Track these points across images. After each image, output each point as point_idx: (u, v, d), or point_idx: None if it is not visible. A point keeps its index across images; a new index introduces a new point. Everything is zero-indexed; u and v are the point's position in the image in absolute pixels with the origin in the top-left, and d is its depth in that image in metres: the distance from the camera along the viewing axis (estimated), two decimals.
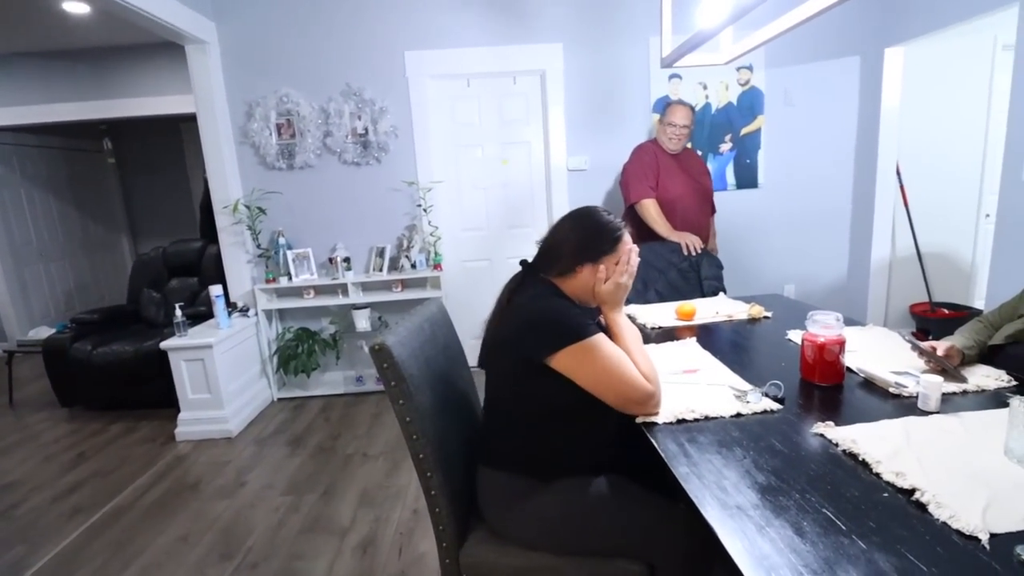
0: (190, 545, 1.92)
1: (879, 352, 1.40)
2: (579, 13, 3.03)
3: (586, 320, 1.09)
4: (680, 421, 1.10)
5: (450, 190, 3.23)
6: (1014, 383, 1.17)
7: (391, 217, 3.17)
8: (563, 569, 1.13)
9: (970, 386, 1.17)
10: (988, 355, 1.31)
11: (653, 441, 1.03)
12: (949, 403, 1.10)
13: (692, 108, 2.70)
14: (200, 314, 3.19)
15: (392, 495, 2.13)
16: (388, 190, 3.14)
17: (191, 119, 3.03)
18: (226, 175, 3.01)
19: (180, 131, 5.34)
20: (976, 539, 0.70)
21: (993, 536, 0.70)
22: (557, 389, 1.07)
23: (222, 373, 2.75)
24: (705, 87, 3.16)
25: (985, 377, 1.20)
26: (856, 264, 3.41)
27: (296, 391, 3.26)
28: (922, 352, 1.24)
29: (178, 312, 2.76)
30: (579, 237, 1.19)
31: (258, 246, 3.13)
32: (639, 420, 1.11)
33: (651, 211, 2.60)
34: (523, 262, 1.26)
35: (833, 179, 3.35)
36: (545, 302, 1.12)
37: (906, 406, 1.10)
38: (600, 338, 1.06)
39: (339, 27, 2.97)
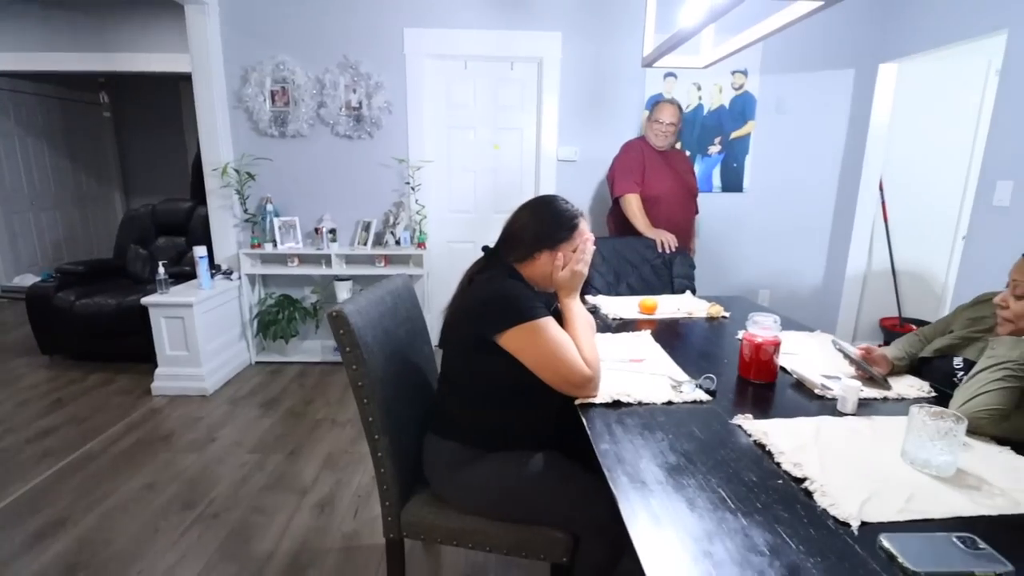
0: (155, 493, 1.99)
1: (817, 357, 1.47)
2: (580, 4, 3.04)
3: (536, 303, 1.14)
4: (615, 403, 1.16)
5: (440, 170, 3.26)
6: (934, 394, 1.25)
7: (379, 193, 3.21)
8: (494, 533, 1.20)
9: (892, 393, 1.23)
10: (918, 367, 1.38)
11: (584, 420, 1.10)
12: (868, 407, 1.17)
13: (680, 107, 2.74)
14: (185, 273, 3.23)
15: (355, 460, 2.20)
16: (378, 165, 3.17)
17: (189, 79, 3.03)
18: (218, 138, 3.03)
19: (179, 90, 5.32)
20: (847, 525, 0.77)
21: (864, 524, 0.77)
22: (505, 367, 1.13)
23: (201, 332, 2.80)
24: (699, 88, 3.18)
25: (908, 387, 1.27)
26: (831, 274, 3.48)
27: (274, 356, 3.32)
28: (851, 360, 1.31)
29: (161, 270, 2.80)
30: (537, 224, 1.24)
31: (245, 211, 3.16)
32: (577, 402, 1.17)
33: (632, 206, 2.66)
34: (485, 247, 1.31)
35: (817, 189, 3.40)
36: (500, 283, 1.17)
37: (827, 407, 1.17)
38: (547, 321, 1.12)
39: None
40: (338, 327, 1.14)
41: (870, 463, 0.94)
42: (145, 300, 2.74)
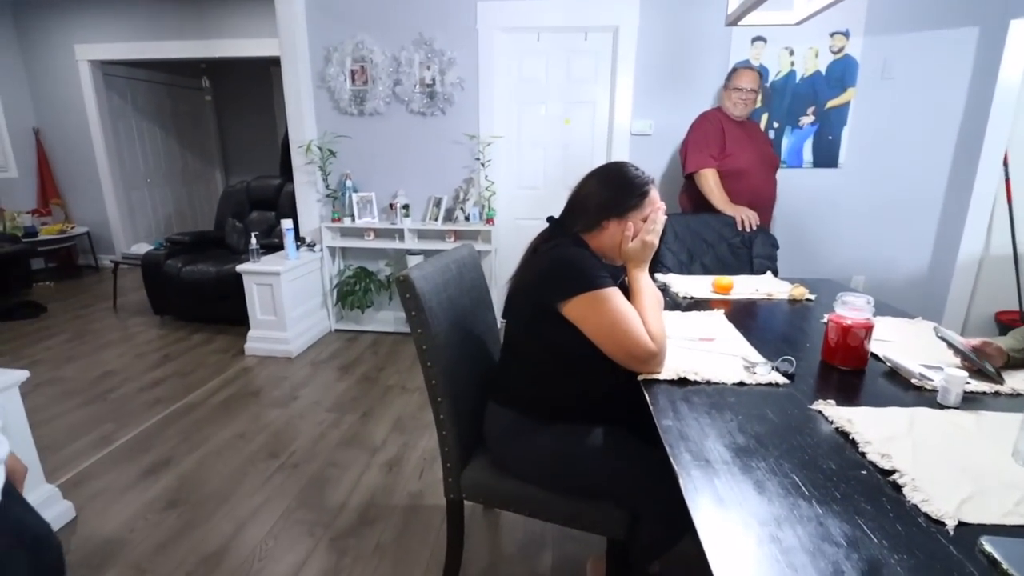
0: (245, 441, 2.19)
1: (917, 345, 1.33)
2: None
3: (601, 272, 1.11)
4: (681, 380, 1.11)
5: (510, 146, 3.25)
6: None
7: (450, 169, 3.26)
8: (551, 503, 1.21)
9: (1005, 388, 1.09)
10: None
11: (647, 396, 1.06)
12: (975, 401, 1.05)
13: (759, 72, 2.54)
14: (274, 245, 3.47)
15: (422, 426, 2.29)
16: (450, 142, 3.21)
17: (279, 62, 3.21)
18: (303, 117, 3.20)
19: (270, 74, 5.66)
20: (942, 523, 0.69)
21: (961, 524, 0.69)
22: (567, 337, 1.11)
23: (287, 299, 3.01)
24: (792, 52, 2.92)
25: None
26: (940, 260, 3.12)
27: (351, 324, 3.51)
28: (956, 350, 1.17)
29: (253, 240, 3.02)
30: (605, 191, 1.20)
31: (327, 186, 3.33)
32: (640, 377, 1.14)
33: (709, 181, 2.51)
34: (550, 218, 1.29)
35: (927, 165, 3.03)
36: (565, 251, 1.15)
37: (925, 399, 1.06)
38: (612, 291, 1.09)
39: None
40: (404, 291, 1.17)
41: (973, 461, 0.84)
42: (239, 268, 2.98)
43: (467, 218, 3.22)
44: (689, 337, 1.36)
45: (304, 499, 1.83)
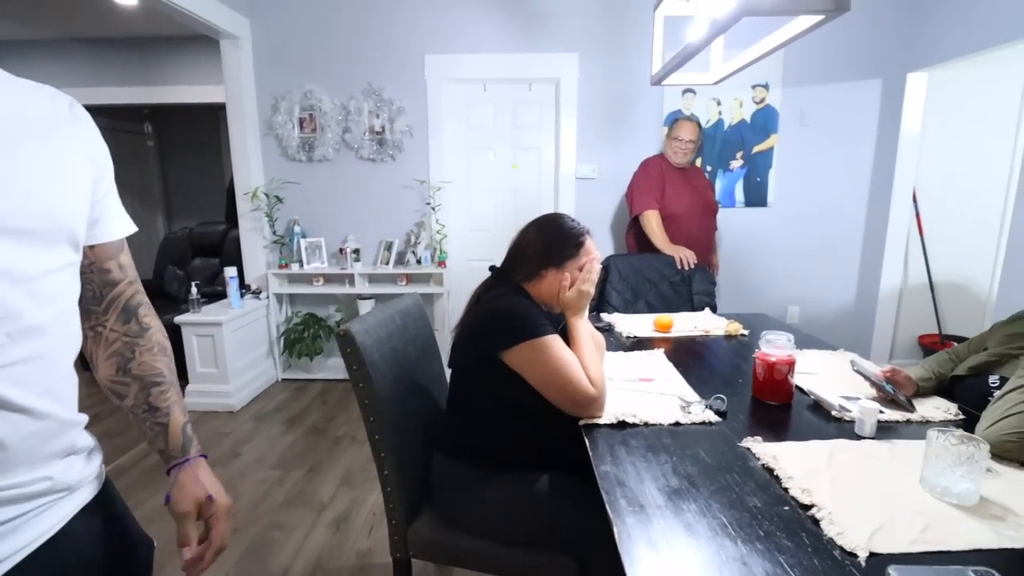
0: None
1: (839, 377, 1.41)
2: (596, 24, 3.07)
3: (542, 320, 1.14)
4: (620, 423, 1.14)
5: (460, 191, 3.31)
6: (962, 417, 1.18)
7: (401, 213, 3.28)
8: (500, 556, 1.19)
9: (916, 416, 1.17)
10: (949, 387, 1.31)
11: (586, 441, 1.08)
12: (889, 431, 1.12)
13: (699, 123, 2.73)
14: (218, 293, 3.36)
15: (372, 478, 2.22)
16: (400, 187, 3.25)
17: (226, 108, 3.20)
18: (249, 163, 3.17)
19: (219, 119, 5.59)
20: (854, 555, 0.73)
21: (872, 555, 0.73)
22: (511, 385, 1.13)
23: (230, 350, 2.90)
24: (719, 103, 3.16)
25: (935, 409, 1.21)
26: (865, 290, 3.35)
27: (300, 373, 3.40)
28: (871, 382, 1.25)
29: (193, 289, 2.92)
30: (543, 242, 1.25)
31: (274, 232, 3.28)
32: (582, 422, 1.16)
33: (652, 223, 2.64)
34: (492, 267, 1.32)
35: (846, 203, 3.30)
36: (506, 299, 1.18)
37: (846, 430, 1.12)
38: (553, 338, 1.12)
39: (364, 29, 3.10)
40: (345, 345, 1.16)
41: (886, 490, 0.89)
42: (178, 319, 2.86)
43: (419, 261, 3.23)
44: (629, 378, 1.39)
45: (244, 567, 1.72)
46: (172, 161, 6.01)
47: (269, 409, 2.96)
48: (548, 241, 1.24)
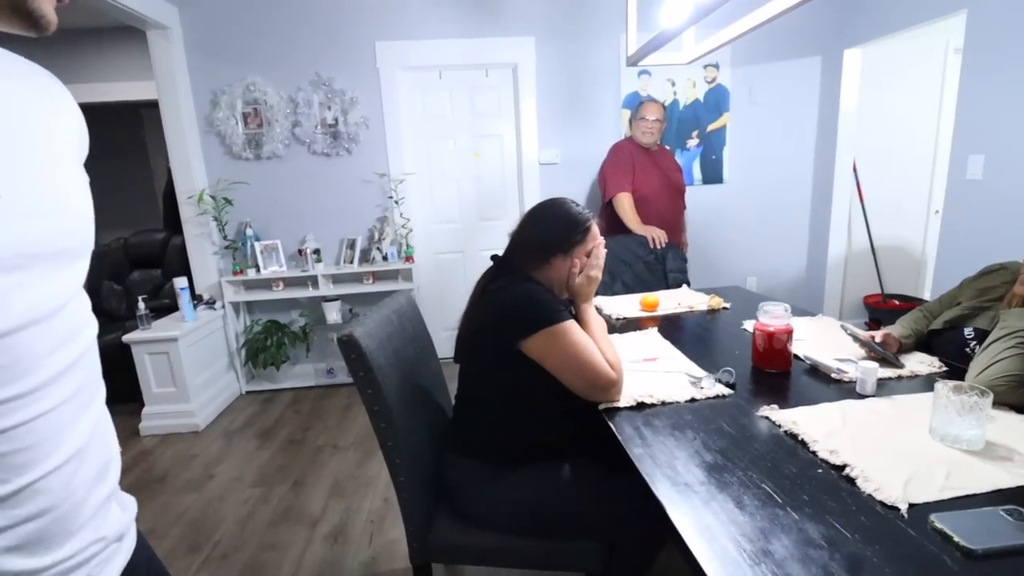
0: (157, 538, 1.90)
1: (826, 341, 1.49)
2: (551, 8, 3.05)
3: (558, 306, 1.13)
4: (639, 405, 1.15)
5: (422, 182, 3.23)
6: (944, 368, 1.27)
7: (362, 209, 3.16)
8: (525, 551, 1.18)
9: (905, 372, 1.25)
10: (927, 341, 1.41)
11: (612, 426, 1.09)
12: (885, 387, 1.19)
13: (663, 105, 2.79)
14: (164, 307, 3.12)
15: (363, 485, 2.15)
16: (359, 181, 3.12)
17: (152, 105, 2.95)
18: (191, 165, 2.94)
19: (141, 118, 5.16)
20: (896, 509, 0.77)
21: (912, 506, 0.78)
22: (527, 376, 1.11)
23: (188, 366, 2.71)
24: (673, 84, 3.23)
25: (919, 363, 1.30)
26: (814, 257, 3.56)
27: (265, 384, 3.23)
28: (862, 342, 1.33)
29: (141, 305, 2.70)
30: (550, 229, 1.23)
31: (224, 237, 3.07)
32: (601, 406, 1.16)
33: (624, 204, 2.68)
34: (494, 257, 1.29)
35: (794, 175, 3.47)
36: (519, 288, 1.15)
37: (846, 390, 1.18)
38: (571, 324, 1.11)
39: (308, 15, 2.93)
40: (349, 352, 1.10)
41: (901, 443, 0.95)
42: (127, 337, 2.63)
43: (385, 257, 3.13)
44: (634, 359, 1.41)
45: None
46: (92, 167, 5.48)
47: (238, 425, 2.80)
48: (555, 227, 1.22)
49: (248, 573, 1.71)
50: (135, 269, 3.54)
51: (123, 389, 2.86)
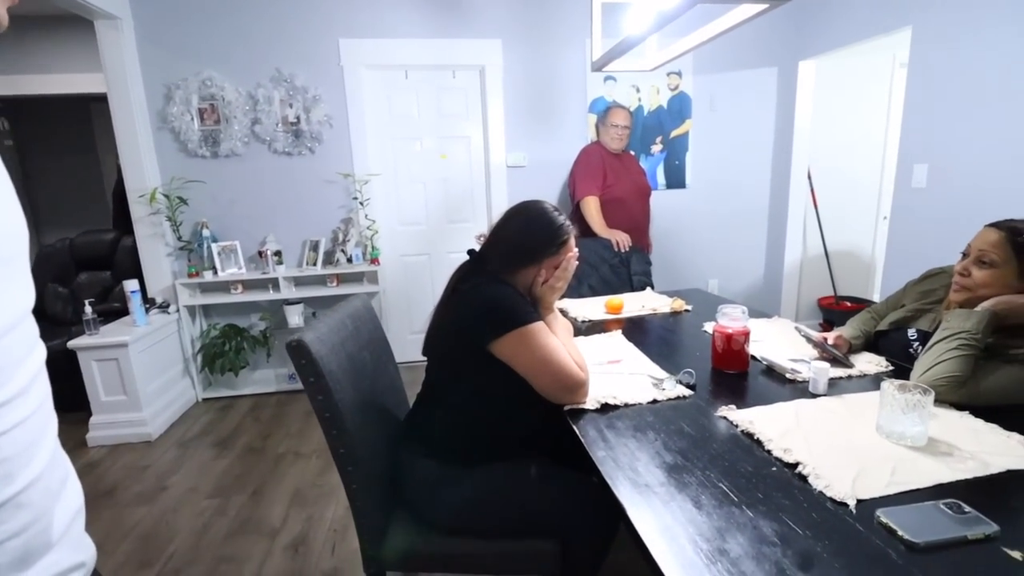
0: (105, 554, 1.80)
1: (782, 342, 1.54)
2: (518, 11, 3.06)
3: (529, 307, 1.13)
4: (604, 407, 1.16)
5: (387, 183, 3.18)
6: (891, 368, 1.33)
7: (326, 210, 3.09)
8: (481, 553, 1.17)
9: (855, 371, 1.31)
10: (874, 341, 1.47)
11: (575, 428, 1.09)
12: (836, 387, 1.24)
13: (630, 111, 2.83)
14: (114, 311, 2.98)
15: (325, 493, 2.10)
16: (322, 182, 3.05)
17: (102, 99, 2.81)
18: (142, 162, 2.82)
19: (90, 112, 4.91)
20: (845, 505, 0.80)
21: (860, 502, 0.81)
22: (493, 377, 1.11)
23: (139, 373, 2.58)
24: (638, 90, 3.28)
25: (868, 363, 1.35)
26: (772, 260, 3.68)
27: (223, 391, 3.12)
28: (815, 343, 1.38)
29: (88, 309, 2.56)
30: (525, 235, 1.23)
31: (179, 238, 2.95)
32: (566, 408, 1.16)
33: (591, 208, 2.70)
34: (471, 251, 1.28)
35: (752, 182, 3.58)
36: (490, 289, 1.14)
37: (800, 390, 1.22)
38: (541, 326, 1.11)
39: (268, 8, 2.85)
40: (299, 357, 1.07)
41: (850, 440, 0.99)
42: (73, 343, 2.50)
43: (349, 259, 3.07)
44: (598, 362, 1.42)
45: None
46: (37, 163, 5.21)
47: (193, 433, 2.69)
48: (531, 236, 1.22)
49: None
50: (82, 271, 3.36)
51: (68, 398, 2.70)
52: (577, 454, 1.05)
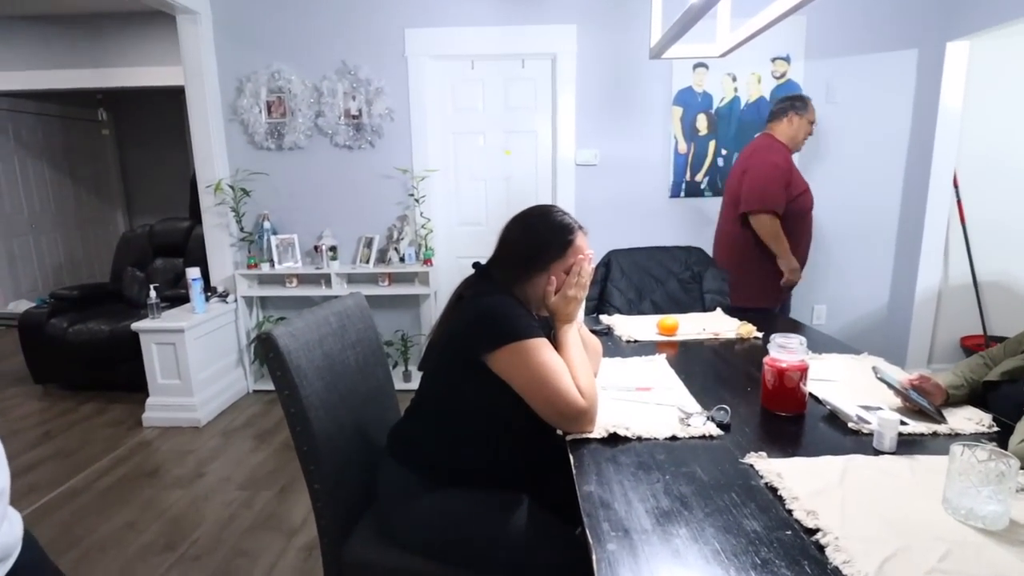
0: (136, 532, 2.05)
1: (860, 384, 1.40)
2: None
3: (530, 322, 1.14)
4: (612, 437, 1.13)
5: (446, 180, 3.31)
6: (996, 429, 1.16)
7: (382, 206, 3.28)
8: None
9: (944, 428, 1.16)
10: (982, 394, 1.29)
11: (571, 457, 1.07)
12: (913, 445, 1.11)
13: None
14: (182, 297, 3.35)
15: None
16: (380, 177, 3.25)
17: None
18: (213, 153, 3.17)
19: (182, 104, 5.61)
20: None
21: None
22: (489, 394, 1.12)
23: (193, 359, 2.90)
24: (734, 79, 3.14)
25: (967, 420, 1.19)
26: (900, 287, 3.33)
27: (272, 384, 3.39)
28: (896, 390, 1.24)
29: (152, 293, 2.92)
30: (526, 240, 1.24)
31: (241, 229, 3.28)
32: (569, 437, 1.15)
33: (773, 226, 2.47)
34: (476, 264, 1.32)
35: (879, 191, 3.27)
36: (490, 299, 1.17)
37: (863, 444, 1.11)
38: (541, 342, 1.11)
39: (336, 1, 3.09)
40: (267, 350, 1.17)
41: (903, 512, 0.88)
42: (136, 326, 2.86)
43: (402, 259, 3.23)
44: (625, 387, 1.38)
45: None
46: (132, 151, 6.03)
47: (238, 424, 2.96)
48: (531, 240, 1.23)
49: None
50: (158, 257, 3.84)
51: (134, 378, 3.10)
52: (569, 492, 1.03)
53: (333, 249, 3.23)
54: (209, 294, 3.19)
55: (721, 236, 2.77)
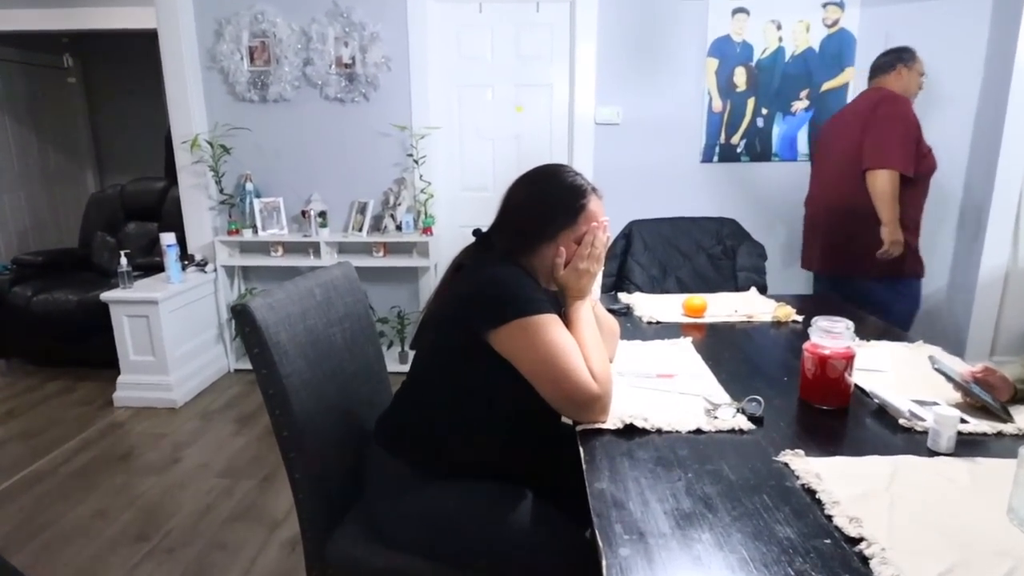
0: (106, 521, 2.08)
1: (915, 375, 1.37)
2: None
3: (539, 295, 1.11)
4: (628, 428, 1.11)
5: (450, 139, 3.26)
6: None
7: (377, 167, 3.24)
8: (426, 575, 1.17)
9: (1011, 428, 1.13)
10: None
11: (581, 451, 1.05)
12: (974, 445, 1.07)
13: None
14: (157, 264, 3.36)
15: None
16: (376, 134, 3.20)
17: None
18: (189, 105, 3.14)
19: (158, 51, 5.55)
20: None
21: None
22: (492, 376, 1.11)
23: (168, 334, 2.91)
24: (779, 27, 3.04)
25: None
26: (961, 268, 3.27)
27: None
28: (956, 383, 1.20)
29: (123, 260, 2.93)
30: (532, 207, 1.21)
31: (221, 191, 3.26)
32: (580, 427, 1.13)
33: (891, 186, 2.34)
34: (476, 231, 1.28)
35: (941, 156, 3.11)
36: (493, 271, 1.14)
37: (916, 443, 1.08)
38: (551, 318, 1.09)
39: None
40: (243, 325, 1.15)
41: (961, 521, 0.86)
42: (105, 296, 2.87)
43: (399, 227, 3.20)
44: (645, 373, 1.36)
45: None
46: (103, 103, 5.99)
47: (218, 405, 2.99)
48: (536, 206, 1.20)
49: (190, 573, 1.83)
50: (130, 220, 3.84)
51: (104, 353, 3.12)
52: (577, 485, 1.01)
53: (322, 215, 3.20)
54: (186, 262, 3.19)
55: (835, 199, 2.56)
